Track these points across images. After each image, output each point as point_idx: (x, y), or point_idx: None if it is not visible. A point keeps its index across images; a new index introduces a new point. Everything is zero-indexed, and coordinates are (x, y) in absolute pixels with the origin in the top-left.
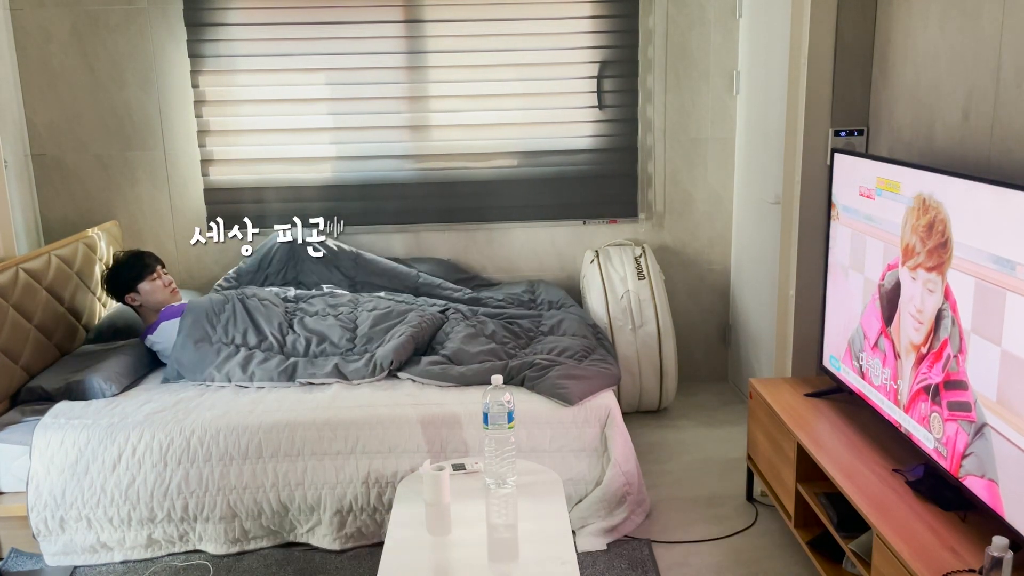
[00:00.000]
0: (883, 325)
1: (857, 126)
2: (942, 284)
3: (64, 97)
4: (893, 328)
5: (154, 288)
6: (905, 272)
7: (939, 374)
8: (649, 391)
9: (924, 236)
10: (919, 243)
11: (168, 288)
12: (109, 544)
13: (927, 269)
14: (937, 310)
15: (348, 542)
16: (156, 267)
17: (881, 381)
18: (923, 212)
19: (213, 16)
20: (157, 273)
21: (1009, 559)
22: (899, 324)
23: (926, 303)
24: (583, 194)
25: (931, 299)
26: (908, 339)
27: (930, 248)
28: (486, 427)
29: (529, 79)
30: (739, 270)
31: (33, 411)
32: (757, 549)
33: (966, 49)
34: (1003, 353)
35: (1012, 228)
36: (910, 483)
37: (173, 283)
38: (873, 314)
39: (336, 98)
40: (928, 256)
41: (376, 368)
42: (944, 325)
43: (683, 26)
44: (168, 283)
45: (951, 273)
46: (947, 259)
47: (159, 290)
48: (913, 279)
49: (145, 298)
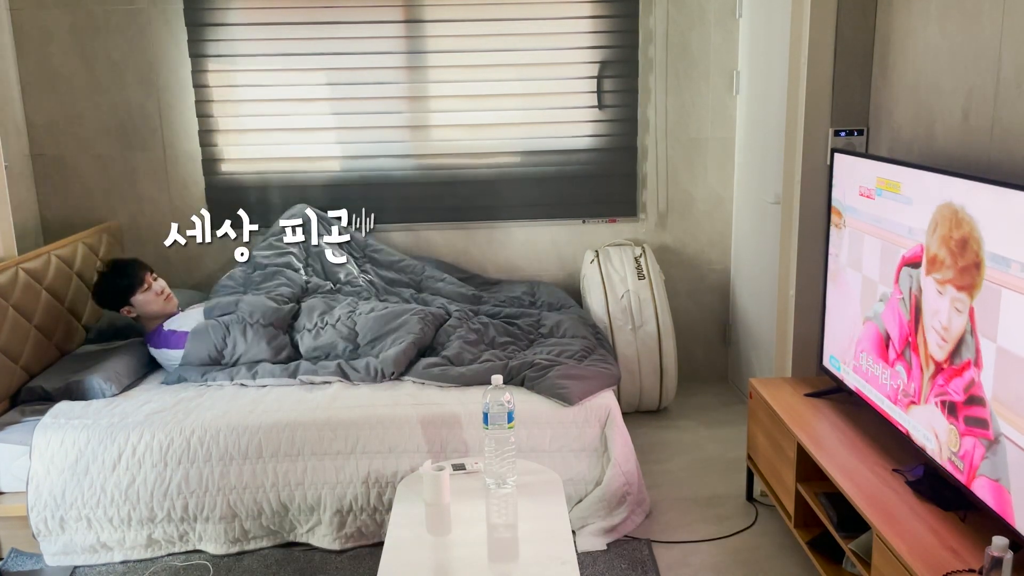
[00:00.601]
0: (909, 332)
1: (857, 126)
2: (969, 304)
3: (64, 97)
4: (919, 337)
5: (147, 300)
6: (930, 283)
7: (960, 393)
8: (649, 391)
9: (957, 252)
10: (948, 257)
11: (162, 296)
12: (109, 544)
13: (957, 287)
14: (963, 330)
15: (348, 542)
16: (145, 277)
17: (890, 385)
18: (955, 226)
19: (213, 16)
20: (147, 283)
21: (1009, 559)
22: (923, 335)
23: (953, 322)
24: (583, 194)
25: (958, 319)
26: (930, 352)
27: (962, 267)
28: (486, 427)
29: (529, 79)
30: (739, 270)
31: (33, 411)
32: (757, 549)
33: (966, 49)
34: (999, 350)
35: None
36: (910, 483)
37: (166, 289)
38: (894, 319)
39: (336, 98)
40: (960, 274)
41: (378, 375)
42: (967, 342)
43: (683, 26)
44: (160, 291)
45: (982, 292)
46: (979, 280)
47: (152, 301)
48: (940, 294)
49: (140, 309)
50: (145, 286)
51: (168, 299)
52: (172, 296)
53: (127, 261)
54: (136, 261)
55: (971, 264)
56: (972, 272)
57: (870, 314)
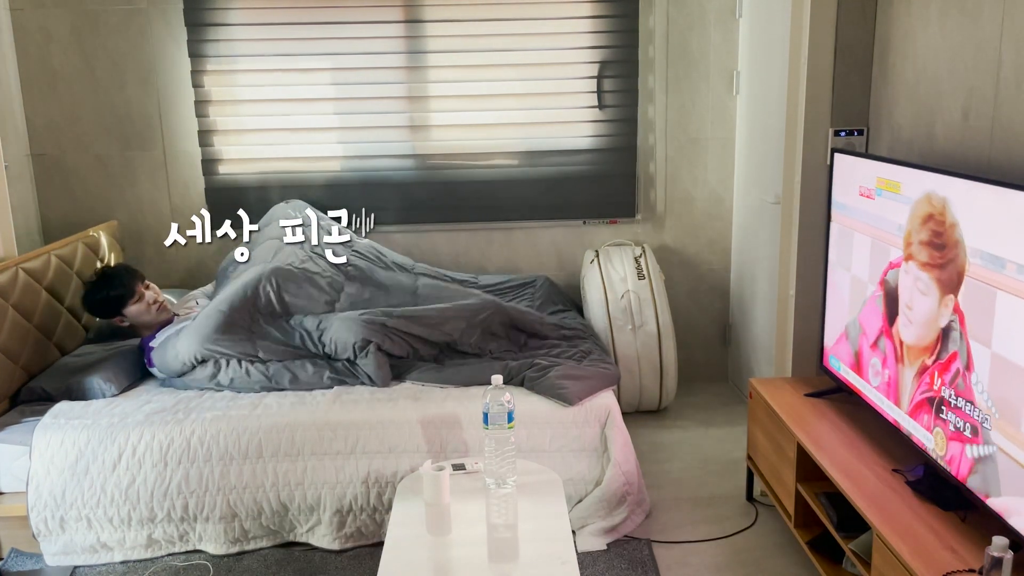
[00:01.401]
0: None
1: (857, 126)
2: (941, 289)
3: (64, 97)
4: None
5: (140, 311)
6: (911, 269)
7: (948, 387)
8: (649, 391)
9: (932, 238)
10: (923, 247)
11: (155, 307)
12: (109, 544)
13: (922, 266)
14: (947, 322)
15: (348, 542)
16: (136, 287)
17: (880, 380)
18: (938, 217)
19: (213, 16)
20: (139, 293)
21: (1009, 559)
22: (897, 326)
23: (922, 305)
24: (583, 194)
25: (925, 301)
26: (908, 341)
27: (945, 258)
28: (486, 427)
29: (529, 79)
30: (739, 270)
31: (33, 411)
32: (757, 549)
33: (966, 49)
34: (993, 355)
35: (1012, 227)
36: (910, 483)
37: (159, 298)
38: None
39: (336, 98)
40: (940, 266)
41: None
42: (952, 338)
43: (683, 26)
44: (153, 300)
45: (966, 284)
46: (957, 266)
47: (145, 312)
48: (907, 274)
49: (133, 319)
50: (137, 297)
51: (161, 309)
52: (166, 305)
53: (118, 270)
54: (127, 270)
55: (953, 257)
56: (953, 265)
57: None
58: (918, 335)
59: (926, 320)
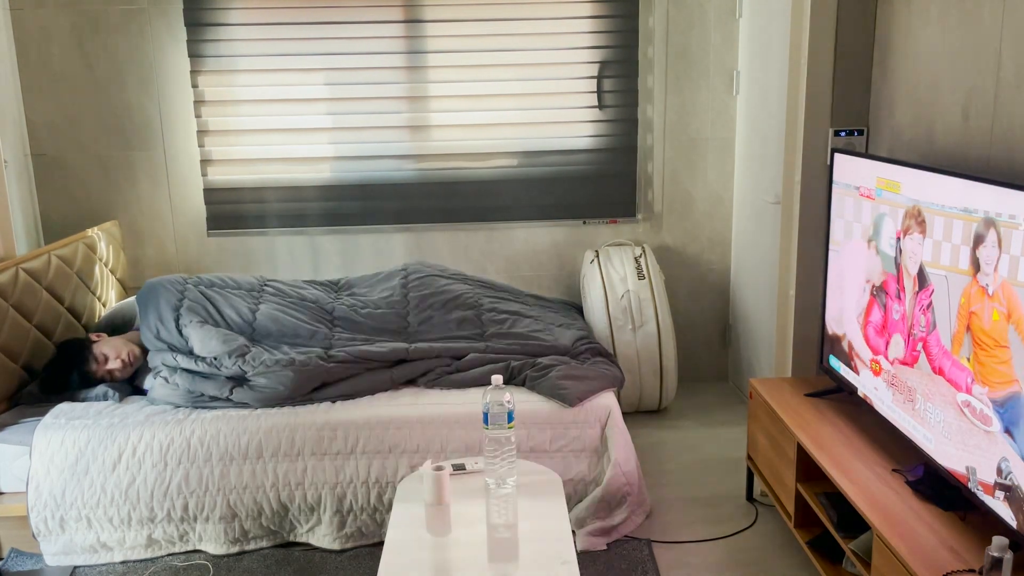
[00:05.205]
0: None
1: (857, 126)
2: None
3: (64, 97)
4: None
5: (105, 372)
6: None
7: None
8: (649, 391)
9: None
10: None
11: (119, 366)
12: (109, 544)
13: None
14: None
15: (348, 542)
16: (88, 357)
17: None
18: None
19: (213, 16)
20: (98, 360)
21: (1009, 559)
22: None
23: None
24: (583, 194)
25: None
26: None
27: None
28: (486, 427)
29: (529, 79)
30: (739, 270)
31: (33, 411)
32: (757, 549)
33: (966, 49)
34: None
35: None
36: (910, 483)
37: (120, 353)
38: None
39: (336, 98)
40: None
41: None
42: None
43: (683, 26)
44: (116, 355)
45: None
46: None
47: (115, 373)
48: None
49: (117, 375)
50: (95, 366)
51: (126, 366)
52: (131, 356)
53: (67, 347)
54: (75, 344)
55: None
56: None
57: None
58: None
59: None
